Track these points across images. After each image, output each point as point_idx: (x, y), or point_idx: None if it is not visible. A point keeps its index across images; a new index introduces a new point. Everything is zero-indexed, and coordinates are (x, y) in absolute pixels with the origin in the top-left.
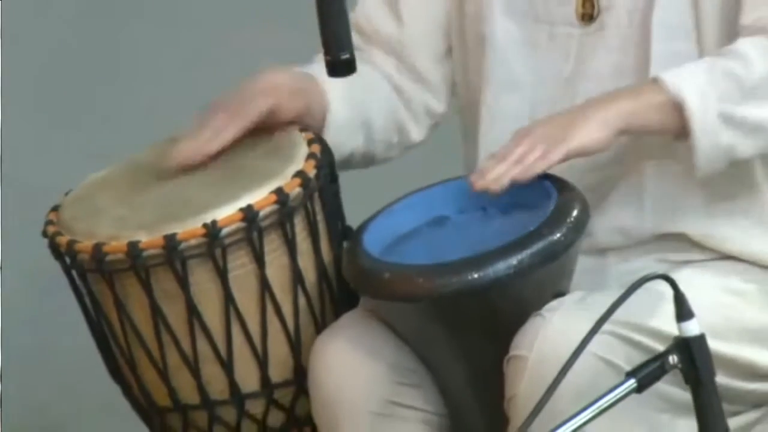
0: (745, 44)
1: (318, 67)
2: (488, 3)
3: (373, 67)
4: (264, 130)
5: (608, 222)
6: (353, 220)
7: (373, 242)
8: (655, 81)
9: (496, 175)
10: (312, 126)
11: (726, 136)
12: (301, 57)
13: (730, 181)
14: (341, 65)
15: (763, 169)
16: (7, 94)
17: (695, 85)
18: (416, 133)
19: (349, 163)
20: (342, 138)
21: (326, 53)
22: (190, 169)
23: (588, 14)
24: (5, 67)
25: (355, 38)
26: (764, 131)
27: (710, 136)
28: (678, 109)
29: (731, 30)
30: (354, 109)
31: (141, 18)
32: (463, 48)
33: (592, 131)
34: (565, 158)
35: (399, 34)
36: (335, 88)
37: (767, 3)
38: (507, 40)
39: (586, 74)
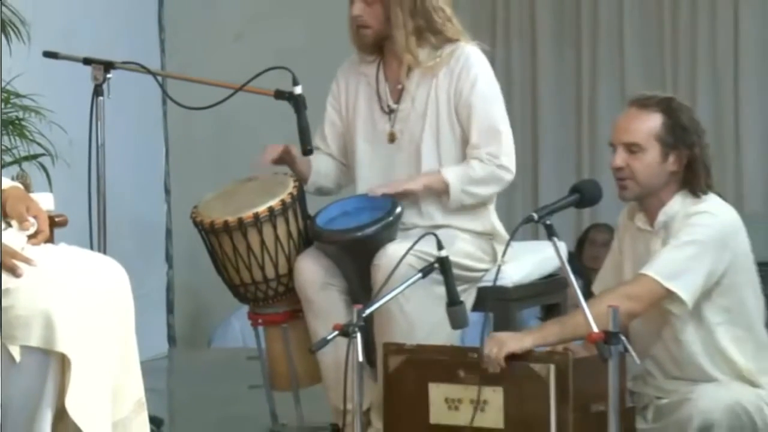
0: (474, 163)
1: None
2: (356, 133)
3: (329, 156)
4: (277, 176)
5: (409, 220)
6: (311, 210)
7: (320, 221)
8: (439, 171)
9: (379, 191)
10: (303, 171)
11: (464, 198)
12: None
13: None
14: (307, 151)
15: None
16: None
17: (454, 174)
18: (344, 183)
19: (321, 191)
20: (318, 181)
21: (301, 145)
22: (248, 189)
23: (391, 139)
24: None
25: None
26: (477, 198)
27: (457, 197)
28: (446, 184)
29: (458, 153)
30: (322, 172)
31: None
32: (349, 153)
33: (416, 184)
34: (403, 193)
35: (330, 150)
36: (315, 161)
37: (478, 147)
38: (362, 150)
39: (393, 168)
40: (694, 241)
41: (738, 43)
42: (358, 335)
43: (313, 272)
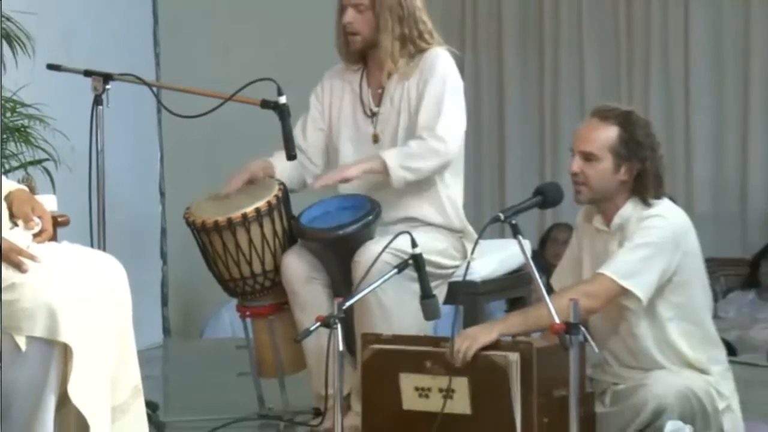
0: (411, 142)
1: (276, 155)
2: (340, 135)
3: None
4: (264, 179)
5: (385, 214)
6: (295, 211)
7: (304, 219)
8: (378, 155)
9: (318, 185)
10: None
11: (404, 174)
12: None
13: (424, 193)
14: (291, 157)
15: (441, 182)
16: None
17: (391, 155)
18: (310, 181)
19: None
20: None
21: (286, 151)
22: (235, 192)
23: (375, 140)
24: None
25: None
26: (419, 172)
27: (397, 173)
28: (384, 164)
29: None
30: (287, 172)
31: None
32: (332, 153)
33: (355, 170)
34: (342, 180)
35: (305, 145)
36: (278, 162)
37: (422, 127)
38: (345, 150)
39: None
40: (647, 243)
41: (688, 51)
42: (339, 326)
43: (298, 267)
